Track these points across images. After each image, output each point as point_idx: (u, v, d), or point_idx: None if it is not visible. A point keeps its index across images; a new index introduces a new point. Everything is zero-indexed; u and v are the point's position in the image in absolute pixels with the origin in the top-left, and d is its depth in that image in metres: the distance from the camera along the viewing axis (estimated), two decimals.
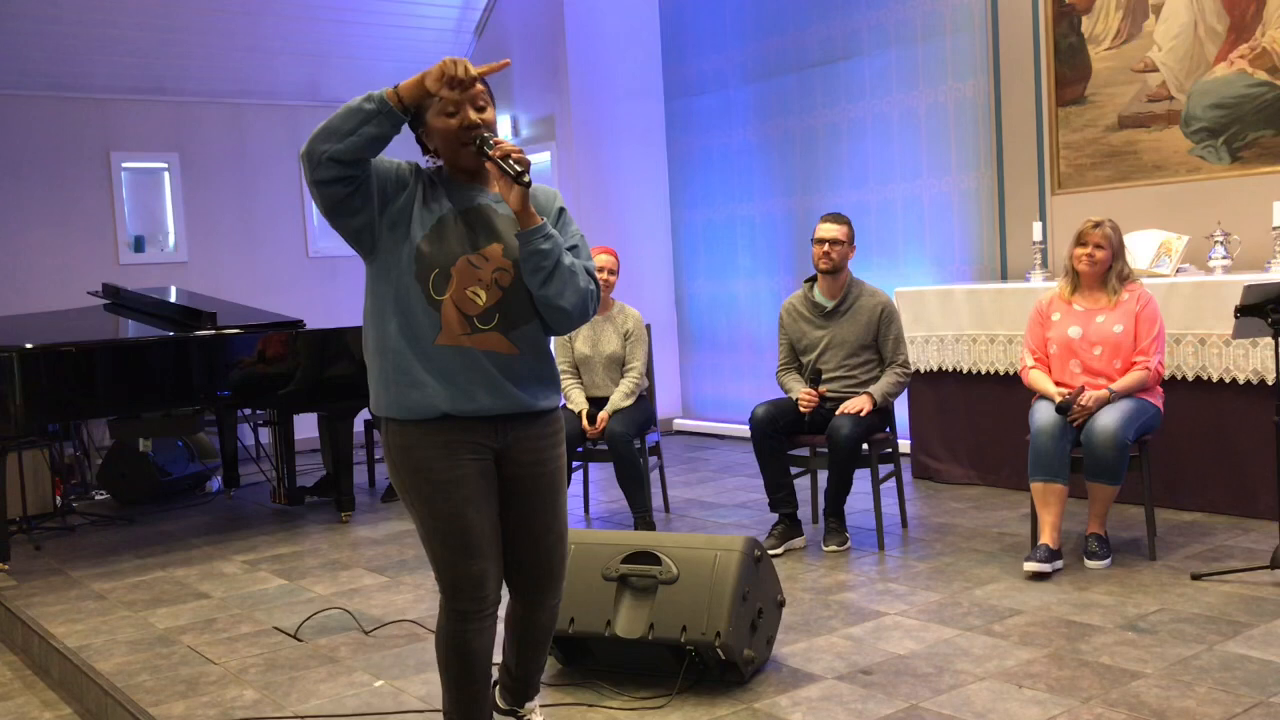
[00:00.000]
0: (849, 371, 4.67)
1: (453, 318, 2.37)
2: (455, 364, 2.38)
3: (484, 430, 2.43)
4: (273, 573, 4.79)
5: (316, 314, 7.56)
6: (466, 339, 2.38)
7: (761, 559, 3.23)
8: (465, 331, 2.38)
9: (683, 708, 3.02)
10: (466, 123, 2.38)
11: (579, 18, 7.93)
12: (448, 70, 2.26)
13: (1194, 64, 5.25)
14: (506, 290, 2.40)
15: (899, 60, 6.58)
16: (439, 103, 2.38)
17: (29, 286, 7.50)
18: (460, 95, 2.35)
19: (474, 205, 2.45)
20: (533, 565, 2.57)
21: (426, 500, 2.41)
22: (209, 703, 3.29)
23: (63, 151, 7.74)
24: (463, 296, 2.37)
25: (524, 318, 2.44)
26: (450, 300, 2.37)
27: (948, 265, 6.44)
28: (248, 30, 7.91)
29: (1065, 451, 4.08)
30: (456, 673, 2.50)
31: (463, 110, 2.38)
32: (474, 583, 2.42)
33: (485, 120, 2.40)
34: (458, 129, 2.39)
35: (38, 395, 4.90)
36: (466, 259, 2.38)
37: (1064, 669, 3.13)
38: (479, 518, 2.42)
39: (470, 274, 2.38)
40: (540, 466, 2.52)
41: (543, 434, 2.52)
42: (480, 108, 2.40)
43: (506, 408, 2.43)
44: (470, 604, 2.44)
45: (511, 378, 2.42)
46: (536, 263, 2.37)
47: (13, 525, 5.55)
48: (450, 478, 2.40)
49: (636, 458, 4.94)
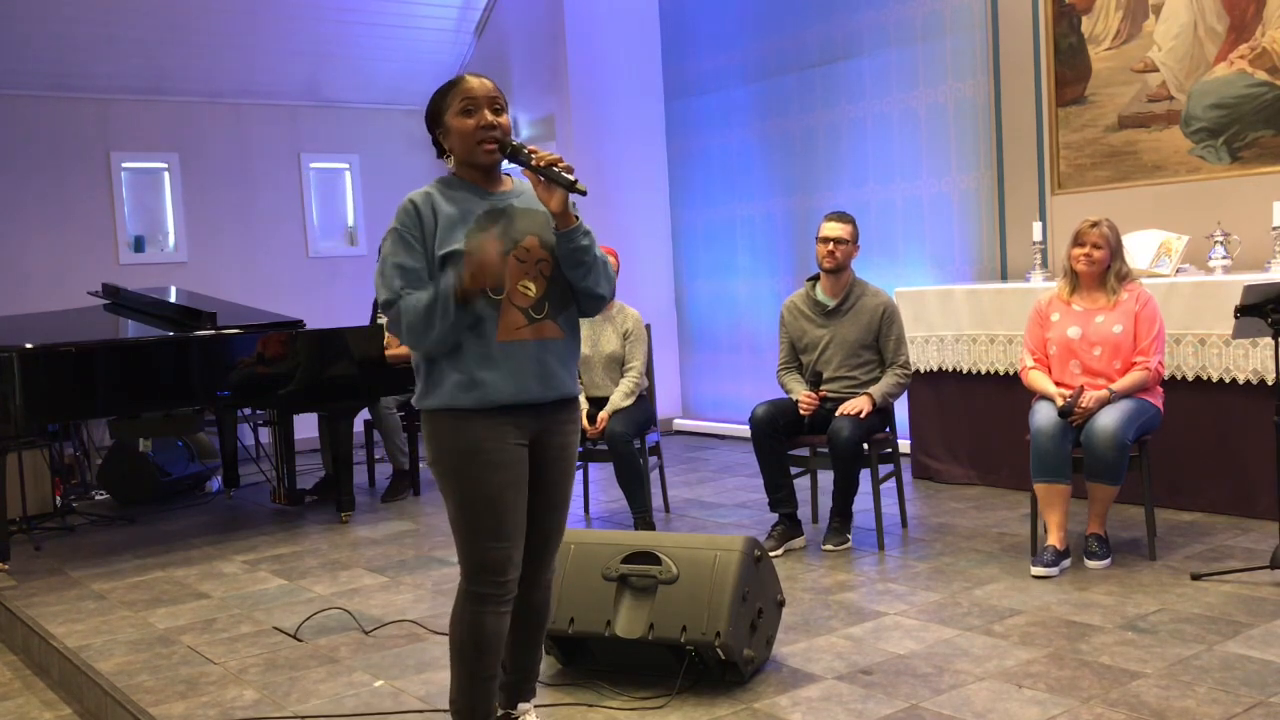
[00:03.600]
0: (849, 371, 4.67)
1: (510, 313, 2.49)
2: (515, 358, 2.49)
3: (528, 416, 2.54)
4: (273, 573, 4.79)
5: (316, 314, 7.56)
6: (525, 330, 2.51)
7: (761, 559, 3.23)
8: (522, 324, 2.50)
9: (683, 708, 3.02)
10: (484, 123, 2.49)
11: (579, 18, 7.93)
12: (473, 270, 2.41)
13: (1194, 64, 5.25)
14: (549, 279, 2.54)
15: (899, 60, 6.58)
16: (458, 102, 2.50)
17: (29, 286, 7.50)
18: (478, 99, 2.49)
19: (497, 205, 2.56)
20: (539, 543, 2.66)
21: (472, 479, 2.49)
22: (209, 703, 3.29)
23: (63, 151, 7.74)
24: (516, 292, 2.50)
25: (567, 302, 2.59)
26: (507, 298, 2.49)
27: (948, 265, 6.44)
28: (248, 30, 7.91)
29: (1066, 452, 4.07)
30: (470, 657, 2.55)
31: (480, 111, 2.49)
32: (499, 566, 2.51)
33: (501, 124, 2.52)
34: (475, 128, 2.50)
35: (38, 395, 4.90)
36: (513, 256, 2.50)
37: (1064, 669, 3.13)
38: (516, 503, 2.53)
39: (518, 269, 2.51)
40: (565, 450, 2.65)
41: (571, 418, 2.66)
42: (497, 110, 2.52)
43: (552, 394, 2.56)
44: (491, 587, 2.52)
45: (562, 362, 2.57)
46: (579, 258, 2.52)
47: (13, 525, 5.55)
48: (499, 460, 2.50)
49: (636, 458, 4.94)
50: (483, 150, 2.51)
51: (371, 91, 8.74)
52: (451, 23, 8.61)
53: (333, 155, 8.77)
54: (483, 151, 2.51)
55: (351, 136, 8.81)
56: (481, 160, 2.53)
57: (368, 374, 5.76)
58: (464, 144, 2.52)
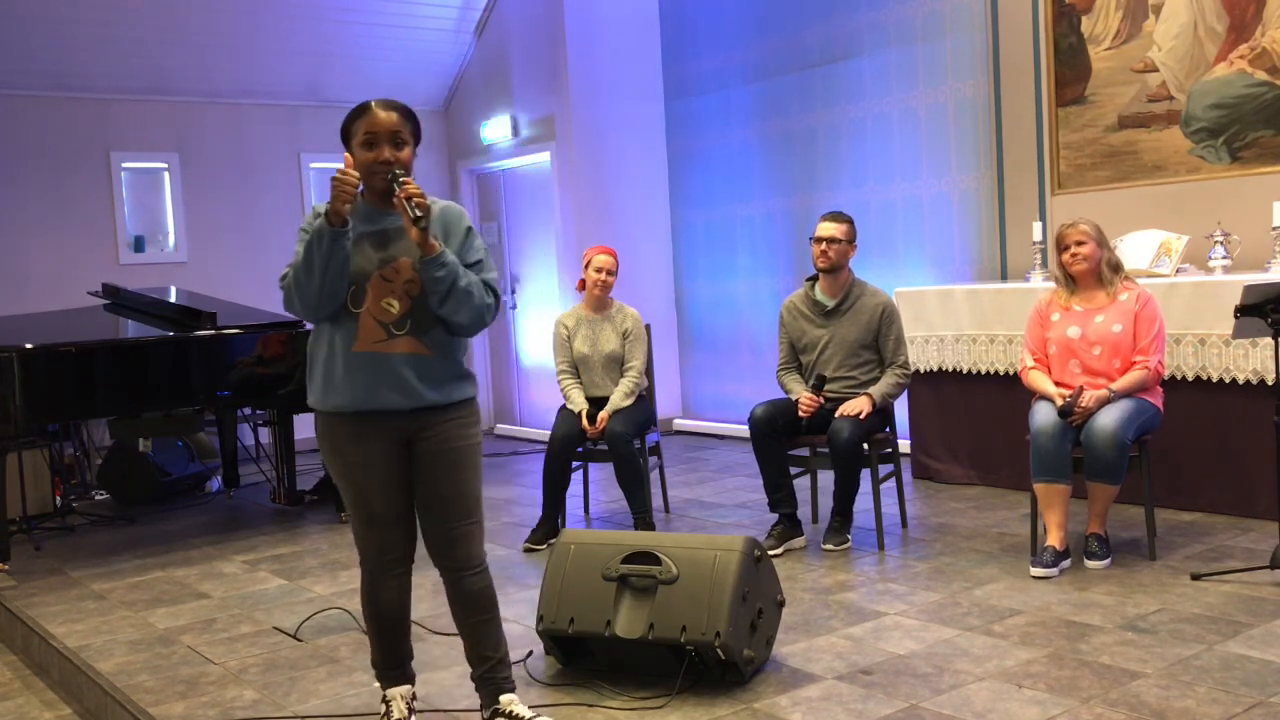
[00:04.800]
0: (849, 371, 4.67)
1: (369, 326, 2.72)
2: (368, 368, 2.72)
3: (394, 420, 2.76)
4: (272, 573, 4.79)
5: None
6: (381, 345, 2.73)
7: (761, 559, 3.23)
8: (380, 339, 2.73)
9: (683, 708, 3.02)
10: (381, 158, 2.71)
11: (579, 18, 7.92)
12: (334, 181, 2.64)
13: (1194, 64, 5.25)
14: (416, 299, 2.75)
15: (899, 60, 6.58)
16: (362, 134, 2.72)
17: (29, 286, 7.49)
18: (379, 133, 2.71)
19: (384, 227, 2.78)
20: (438, 534, 2.85)
21: (342, 478, 2.83)
22: (209, 703, 3.29)
23: (63, 151, 7.73)
24: (378, 308, 2.74)
25: (433, 323, 2.78)
26: (366, 312, 2.73)
27: (947, 265, 6.44)
28: (248, 30, 7.91)
29: (1066, 452, 4.07)
30: (371, 620, 2.91)
31: (379, 147, 2.72)
32: (378, 548, 2.85)
33: (400, 158, 2.73)
34: (372, 161, 2.72)
35: (38, 395, 4.90)
36: (379, 274, 2.74)
37: (1064, 669, 3.13)
38: (383, 496, 2.80)
39: (383, 287, 2.74)
40: (446, 445, 2.81)
41: (452, 419, 2.82)
42: (398, 144, 2.73)
43: (412, 404, 2.75)
44: (375, 565, 2.87)
45: (424, 377, 2.76)
46: (434, 286, 2.71)
47: (13, 525, 5.54)
48: (359, 461, 2.78)
49: (636, 458, 4.94)
50: (377, 179, 2.74)
51: (371, 91, 8.62)
52: (451, 23, 8.61)
53: (332, 155, 8.76)
54: (379, 179, 2.74)
55: None
56: (377, 186, 2.76)
57: None
58: (363, 172, 2.73)
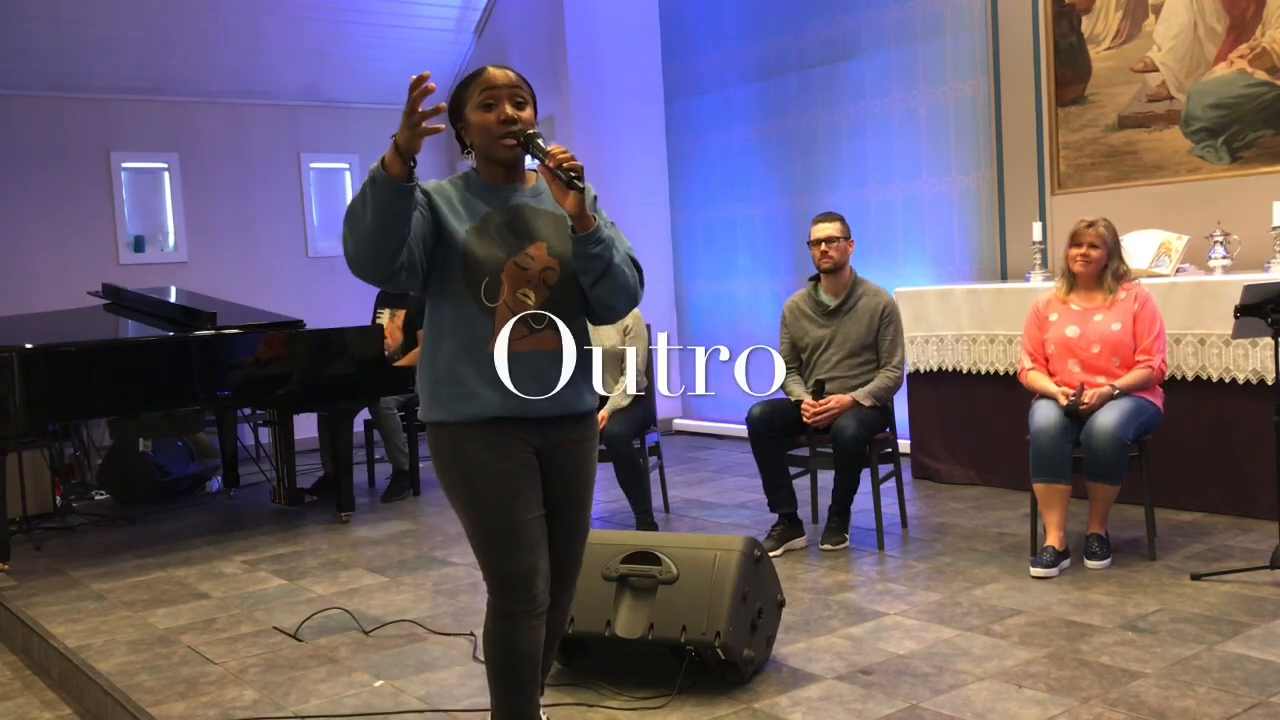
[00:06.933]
0: (848, 371, 4.67)
1: (505, 322, 2.36)
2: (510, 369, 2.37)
3: (531, 429, 2.43)
4: (272, 573, 4.79)
5: (316, 314, 7.55)
6: (523, 342, 2.37)
7: (761, 559, 3.23)
8: (520, 334, 2.37)
9: (683, 708, 3.02)
10: (504, 117, 2.37)
11: (579, 18, 7.92)
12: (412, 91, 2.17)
13: (1194, 64, 5.25)
14: (554, 288, 2.41)
15: (899, 60, 6.57)
16: (478, 95, 2.38)
17: (29, 286, 7.50)
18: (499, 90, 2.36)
19: (512, 205, 2.44)
20: (560, 563, 2.54)
21: (478, 495, 2.39)
22: (209, 703, 3.29)
23: (63, 151, 7.74)
24: (515, 299, 2.37)
25: (573, 314, 2.45)
26: (504, 305, 2.37)
27: (947, 265, 6.44)
28: (248, 30, 7.91)
29: (1066, 452, 4.07)
30: (503, 674, 2.45)
31: (500, 105, 2.37)
32: (523, 580, 2.39)
33: (523, 118, 2.38)
34: (494, 123, 2.37)
35: (38, 395, 4.89)
36: (514, 261, 2.38)
37: (1064, 669, 3.13)
38: (527, 513, 2.40)
39: (519, 276, 2.38)
40: (579, 470, 2.52)
41: (584, 436, 2.53)
42: (519, 104, 2.39)
43: (557, 410, 2.43)
44: (518, 603, 2.40)
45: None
46: (590, 265, 2.37)
47: (13, 525, 5.54)
48: (500, 470, 2.38)
49: (636, 458, 4.94)
50: (502, 146, 2.39)
51: (371, 91, 8.73)
52: (451, 23, 8.61)
53: (333, 155, 8.78)
54: (502, 147, 2.39)
55: (351, 136, 8.81)
56: (501, 155, 2.41)
57: (368, 374, 5.77)
58: (483, 139, 2.40)
